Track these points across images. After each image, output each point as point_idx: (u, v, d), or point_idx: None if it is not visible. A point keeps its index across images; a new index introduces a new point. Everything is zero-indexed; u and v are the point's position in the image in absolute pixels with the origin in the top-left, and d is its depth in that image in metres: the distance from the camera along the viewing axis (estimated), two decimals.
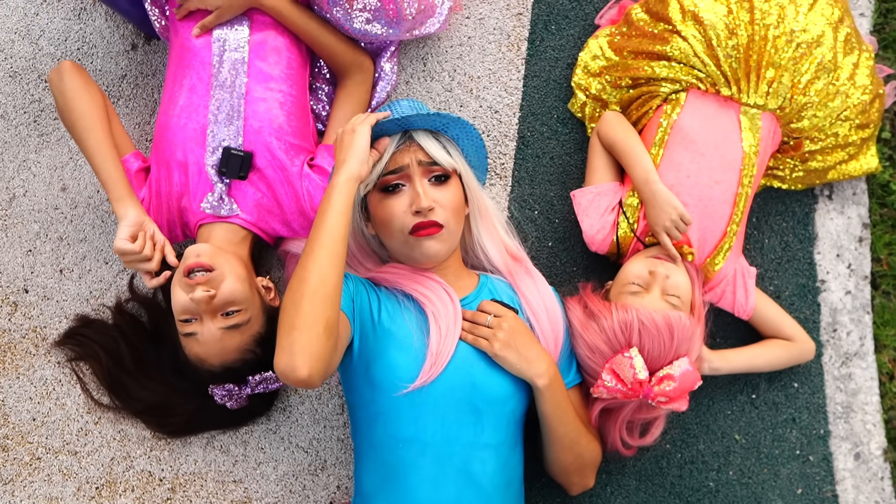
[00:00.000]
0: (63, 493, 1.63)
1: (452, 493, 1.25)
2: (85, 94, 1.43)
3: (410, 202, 1.29)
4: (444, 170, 1.32)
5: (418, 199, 1.27)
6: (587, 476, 1.45)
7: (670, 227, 1.44)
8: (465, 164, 1.38)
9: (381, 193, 1.32)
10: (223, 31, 1.49)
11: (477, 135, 1.37)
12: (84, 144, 1.42)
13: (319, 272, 1.13)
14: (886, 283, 1.71)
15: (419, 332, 1.30)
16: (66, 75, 1.43)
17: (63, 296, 1.66)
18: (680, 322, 1.34)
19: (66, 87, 1.42)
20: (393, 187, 1.31)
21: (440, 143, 1.33)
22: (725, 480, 1.63)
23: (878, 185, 1.71)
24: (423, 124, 1.31)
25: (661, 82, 1.53)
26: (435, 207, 1.28)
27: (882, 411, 1.67)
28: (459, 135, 1.36)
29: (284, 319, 1.12)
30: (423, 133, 1.32)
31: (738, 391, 1.65)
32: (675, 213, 1.43)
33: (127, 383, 1.56)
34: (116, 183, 1.41)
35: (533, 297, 1.42)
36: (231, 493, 1.62)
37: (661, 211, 1.44)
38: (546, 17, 1.71)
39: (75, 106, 1.42)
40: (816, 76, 1.48)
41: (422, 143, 1.31)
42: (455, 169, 1.34)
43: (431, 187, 1.31)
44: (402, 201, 1.30)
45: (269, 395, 1.59)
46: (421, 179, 1.30)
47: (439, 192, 1.31)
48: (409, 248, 1.32)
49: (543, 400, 1.33)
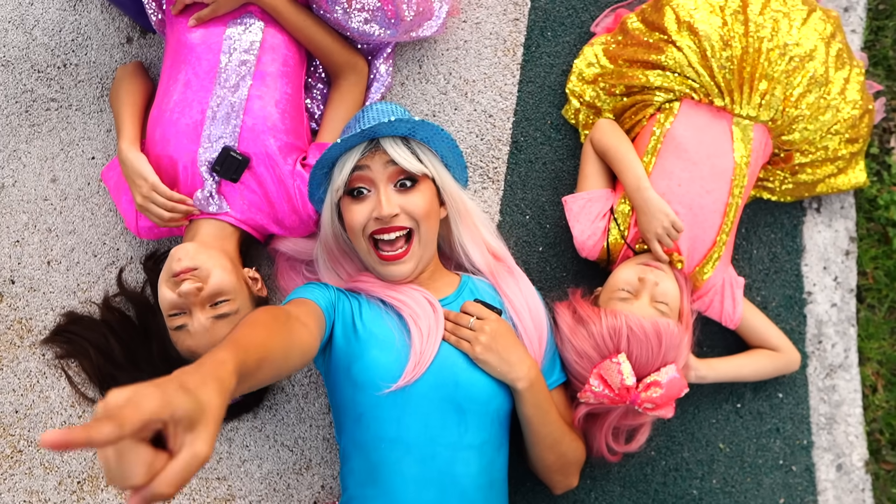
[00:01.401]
0: (44, 486, 1.61)
1: (435, 493, 1.25)
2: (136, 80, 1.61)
3: (374, 208, 1.29)
4: (410, 174, 1.31)
5: (380, 207, 1.28)
6: (570, 475, 1.45)
7: (662, 234, 1.45)
8: (440, 166, 1.37)
9: (349, 198, 1.33)
10: (235, 30, 1.49)
11: (448, 136, 1.35)
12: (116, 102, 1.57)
13: None
14: (872, 296, 1.72)
15: (401, 334, 1.30)
16: (128, 67, 1.63)
17: (50, 287, 1.65)
18: (668, 329, 1.35)
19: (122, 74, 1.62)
20: (357, 192, 1.31)
21: (408, 148, 1.32)
22: (709, 488, 1.64)
23: (865, 199, 1.73)
24: (386, 132, 1.30)
25: (654, 91, 1.54)
26: (399, 214, 1.29)
27: (864, 423, 1.68)
28: (430, 137, 1.34)
29: None
30: (391, 139, 1.31)
31: (724, 400, 1.66)
32: (666, 221, 1.44)
33: (119, 379, 1.55)
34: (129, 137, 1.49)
35: (516, 297, 1.43)
36: (214, 490, 1.61)
37: (653, 218, 1.45)
38: (542, 24, 1.72)
39: (124, 82, 1.59)
40: (808, 90, 1.50)
41: (387, 149, 1.30)
42: (425, 173, 1.33)
43: (398, 193, 1.31)
44: (367, 207, 1.31)
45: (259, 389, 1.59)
46: (386, 186, 1.30)
47: (406, 198, 1.31)
48: (374, 264, 1.33)
49: (524, 402, 1.33)
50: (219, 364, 0.75)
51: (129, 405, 0.60)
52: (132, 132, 1.50)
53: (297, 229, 1.52)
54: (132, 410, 0.59)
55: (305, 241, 1.54)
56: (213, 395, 0.68)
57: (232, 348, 0.83)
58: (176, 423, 0.63)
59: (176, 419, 0.63)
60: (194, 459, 0.62)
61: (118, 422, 0.58)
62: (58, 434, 0.55)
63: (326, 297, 1.32)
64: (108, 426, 0.57)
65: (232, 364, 0.77)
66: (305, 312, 1.20)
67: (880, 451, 1.69)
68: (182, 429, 0.63)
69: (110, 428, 0.57)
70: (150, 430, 0.61)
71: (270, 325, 1.01)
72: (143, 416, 0.60)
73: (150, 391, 0.62)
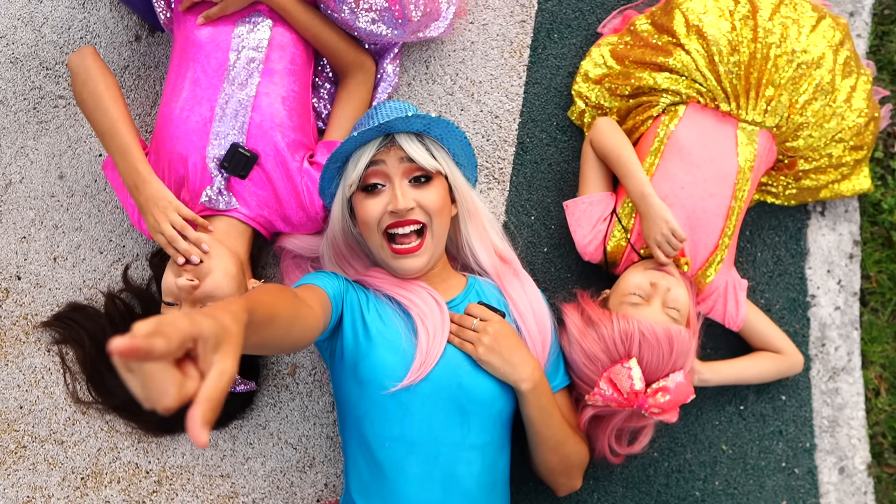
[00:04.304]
0: (48, 482, 1.61)
1: (438, 492, 1.26)
2: (108, 75, 1.46)
3: (388, 202, 1.30)
4: (425, 170, 1.32)
5: (395, 200, 1.28)
6: (574, 477, 1.46)
7: (661, 241, 1.44)
8: (452, 165, 1.38)
9: (363, 193, 1.33)
10: (244, 28, 1.49)
11: (461, 134, 1.36)
12: (106, 117, 1.43)
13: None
14: (875, 300, 1.73)
15: (407, 333, 1.30)
16: (88, 57, 1.46)
17: (56, 284, 1.65)
18: (680, 336, 1.35)
19: (90, 65, 1.45)
20: (372, 187, 1.32)
21: (423, 145, 1.33)
22: (711, 490, 1.65)
23: (869, 203, 1.73)
24: (403, 127, 1.30)
25: (661, 93, 1.54)
26: (415, 208, 1.29)
27: (867, 426, 1.69)
28: (444, 135, 1.35)
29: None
30: (406, 135, 1.32)
31: (727, 402, 1.66)
32: (666, 228, 1.43)
33: (105, 376, 1.55)
34: (142, 160, 1.42)
35: (520, 300, 1.43)
36: (218, 487, 1.62)
37: (654, 224, 1.45)
38: (549, 26, 1.73)
39: (100, 79, 1.44)
40: (814, 97, 1.50)
41: (402, 145, 1.31)
42: (439, 170, 1.34)
43: (412, 188, 1.31)
44: (381, 201, 1.31)
45: (242, 398, 1.59)
46: (401, 180, 1.31)
47: (420, 193, 1.31)
48: (387, 258, 1.33)
49: (528, 404, 1.33)
50: (229, 302, 0.80)
51: (165, 325, 0.63)
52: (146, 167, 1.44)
53: (304, 226, 1.53)
54: (171, 329, 0.63)
55: (311, 238, 1.55)
56: (230, 320, 0.72)
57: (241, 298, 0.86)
58: (205, 342, 0.67)
59: (205, 338, 0.67)
60: (224, 375, 0.66)
61: (165, 336, 0.62)
62: (124, 342, 0.58)
63: (335, 285, 1.32)
64: (160, 340, 0.61)
65: (242, 305, 0.81)
66: (312, 297, 1.20)
67: (882, 455, 1.69)
68: (210, 348, 0.67)
69: (162, 341, 0.61)
70: (182, 349, 0.65)
71: (278, 293, 1.03)
72: (182, 332, 0.64)
73: (177, 315, 0.66)
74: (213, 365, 0.66)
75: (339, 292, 1.32)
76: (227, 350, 0.68)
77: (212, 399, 0.64)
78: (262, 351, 0.98)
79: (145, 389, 0.63)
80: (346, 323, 1.32)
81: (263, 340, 0.93)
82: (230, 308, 0.76)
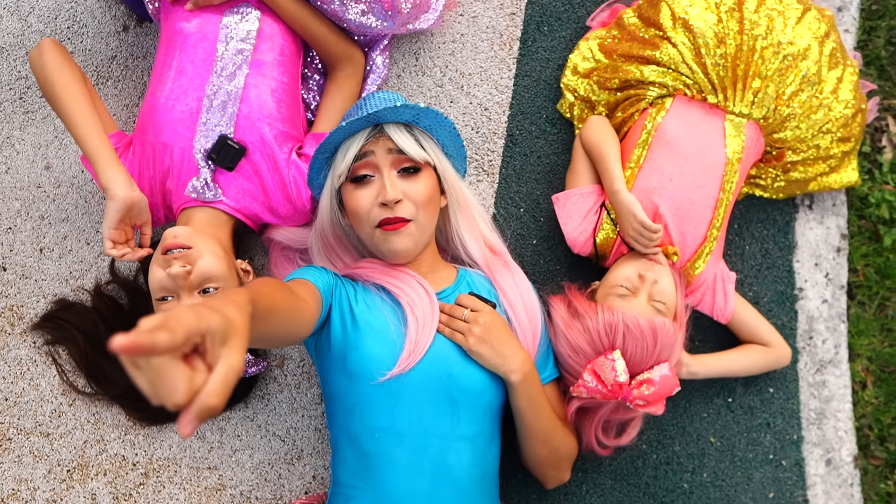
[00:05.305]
0: (33, 474, 1.60)
1: (427, 483, 1.25)
2: (66, 69, 1.41)
3: (377, 193, 1.29)
4: (413, 161, 1.31)
5: (384, 192, 1.28)
6: (563, 470, 1.46)
7: (635, 235, 1.45)
8: (441, 156, 1.38)
9: (352, 184, 1.33)
10: (232, 19, 1.48)
11: (450, 124, 1.35)
12: (68, 113, 1.38)
13: None
14: (862, 293, 1.74)
15: (396, 323, 1.30)
16: (46, 51, 1.41)
17: (42, 275, 1.64)
18: (664, 328, 1.35)
19: (47, 61, 1.40)
20: (361, 178, 1.31)
21: (412, 135, 1.32)
22: (699, 482, 1.65)
23: (857, 197, 1.74)
24: (391, 117, 1.30)
25: (648, 86, 1.55)
26: (403, 200, 1.29)
27: (854, 419, 1.70)
28: (433, 125, 1.35)
29: None
30: (394, 125, 1.31)
31: (715, 394, 1.67)
32: (635, 222, 1.43)
33: (105, 367, 1.55)
34: (103, 151, 1.36)
35: (511, 291, 1.43)
36: (205, 479, 1.61)
37: (624, 219, 1.45)
38: (539, 18, 1.73)
39: (57, 78, 1.39)
40: (801, 88, 1.51)
41: (391, 135, 1.30)
42: (427, 161, 1.33)
43: (400, 179, 1.31)
44: (370, 192, 1.31)
45: (247, 380, 1.58)
46: (390, 171, 1.30)
47: (409, 184, 1.31)
48: (377, 243, 1.33)
49: (517, 395, 1.33)
50: (233, 294, 0.79)
51: (171, 319, 0.62)
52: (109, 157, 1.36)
53: (291, 218, 1.52)
54: (177, 323, 0.62)
55: (300, 229, 1.54)
56: (236, 313, 0.71)
57: (243, 290, 0.85)
58: (213, 337, 0.66)
59: (212, 332, 0.66)
60: (231, 370, 0.65)
61: (170, 330, 0.61)
62: (127, 338, 0.57)
63: (325, 280, 1.32)
64: (163, 334, 0.60)
65: (246, 296, 0.80)
66: (305, 291, 1.20)
67: (869, 447, 1.70)
68: (217, 343, 0.66)
69: (166, 335, 0.60)
70: (190, 344, 0.64)
71: (277, 285, 1.03)
72: (188, 327, 0.63)
73: (184, 310, 0.65)
74: (221, 359, 0.66)
75: (329, 287, 1.32)
76: (235, 343, 0.68)
77: (219, 394, 0.63)
78: (261, 344, 0.98)
79: (154, 386, 0.62)
80: (334, 316, 1.32)
81: (264, 333, 0.93)
82: (235, 300, 0.75)
